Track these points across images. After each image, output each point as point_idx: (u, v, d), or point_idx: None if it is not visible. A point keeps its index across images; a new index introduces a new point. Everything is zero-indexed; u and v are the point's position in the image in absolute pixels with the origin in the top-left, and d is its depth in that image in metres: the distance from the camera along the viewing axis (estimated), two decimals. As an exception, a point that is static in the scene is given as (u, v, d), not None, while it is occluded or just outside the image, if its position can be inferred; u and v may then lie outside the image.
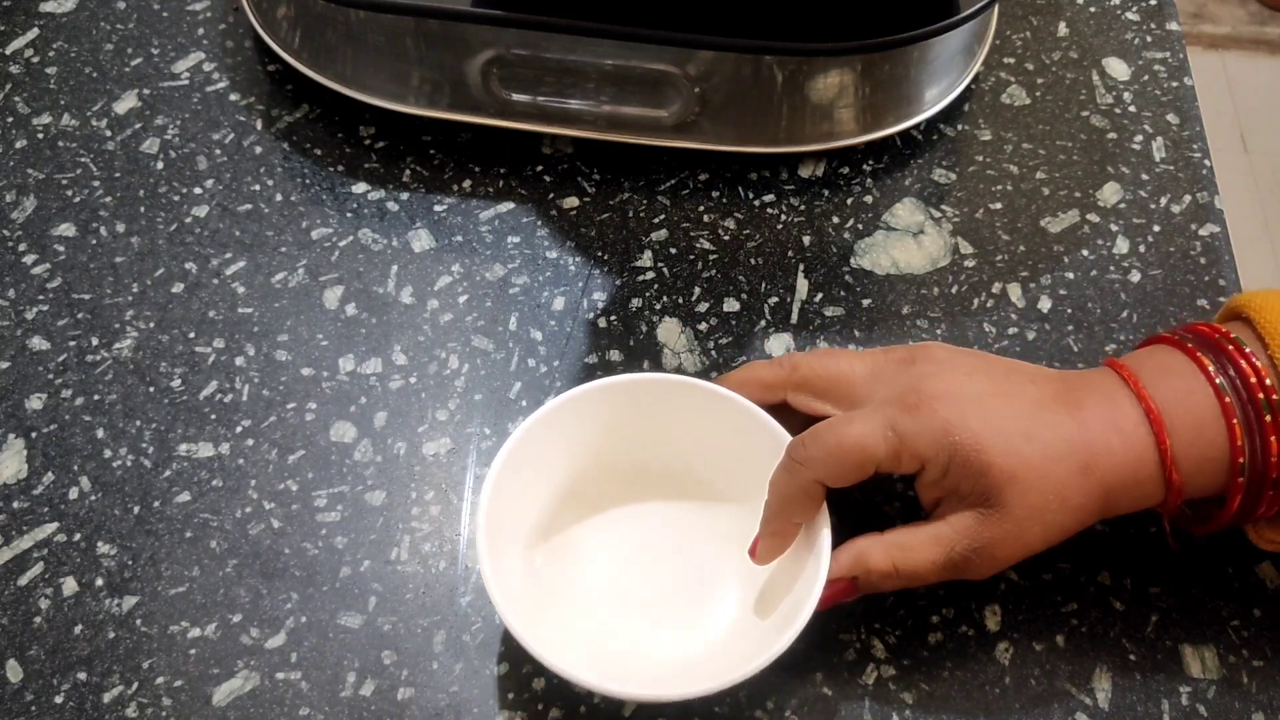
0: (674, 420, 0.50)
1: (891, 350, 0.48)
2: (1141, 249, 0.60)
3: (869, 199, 0.62)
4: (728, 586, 0.49)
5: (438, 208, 0.61)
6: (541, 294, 0.59)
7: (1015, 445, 0.43)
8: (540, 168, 0.63)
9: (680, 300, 0.58)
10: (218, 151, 0.63)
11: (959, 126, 0.65)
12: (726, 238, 0.61)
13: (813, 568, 0.45)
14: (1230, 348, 0.44)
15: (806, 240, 0.61)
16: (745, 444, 0.49)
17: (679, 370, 0.56)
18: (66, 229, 0.60)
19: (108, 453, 0.53)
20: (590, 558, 0.50)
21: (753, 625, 0.47)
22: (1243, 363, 0.44)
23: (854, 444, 0.44)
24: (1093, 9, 0.71)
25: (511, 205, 0.62)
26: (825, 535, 0.45)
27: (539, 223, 0.61)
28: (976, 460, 0.43)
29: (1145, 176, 0.63)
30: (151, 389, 0.55)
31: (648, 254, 0.60)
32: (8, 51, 0.67)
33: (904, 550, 0.45)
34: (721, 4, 0.59)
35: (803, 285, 0.59)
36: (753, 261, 0.60)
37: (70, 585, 0.50)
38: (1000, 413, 0.44)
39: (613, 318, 0.58)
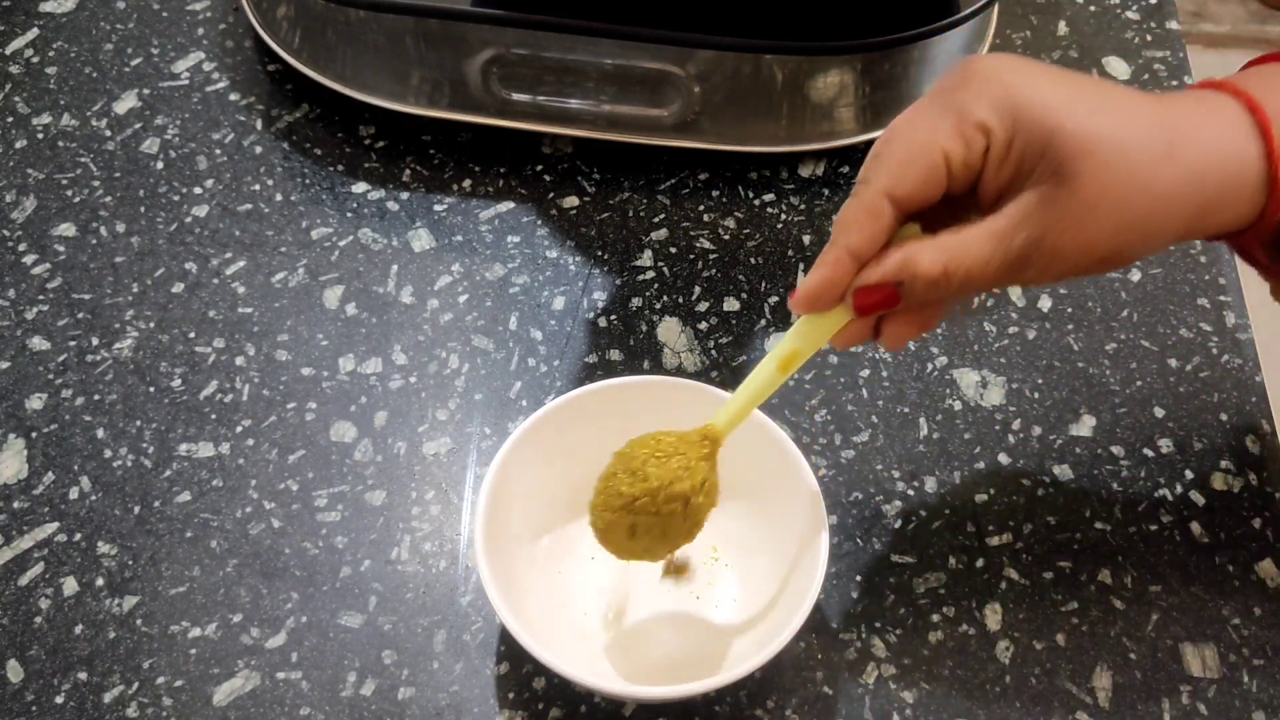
0: (673, 421, 0.50)
1: (943, 81, 0.41)
2: (1142, 248, 0.60)
3: (869, 198, 0.62)
4: (727, 585, 0.49)
5: (438, 207, 0.61)
6: (542, 293, 0.58)
7: (1087, 112, 0.37)
8: (540, 167, 0.63)
9: (680, 300, 0.58)
10: (218, 151, 0.63)
11: (959, 126, 0.65)
12: (727, 237, 0.61)
13: (811, 566, 0.45)
14: None
15: (807, 239, 0.61)
16: (744, 445, 0.49)
17: (679, 369, 0.56)
18: (66, 229, 0.60)
19: (108, 453, 0.53)
20: (590, 557, 0.50)
21: (752, 624, 0.47)
22: None
23: (910, 138, 0.39)
24: (1093, 8, 0.71)
25: (511, 205, 0.62)
26: (823, 534, 0.45)
27: (539, 222, 0.61)
28: (1042, 124, 0.37)
29: (1145, 176, 0.63)
30: (152, 389, 0.55)
31: (648, 253, 0.60)
32: (8, 51, 0.67)
33: (956, 250, 0.39)
34: (721, 4, 0.59)
35: (803, 285, 0.59)
36: (753, 261, 0.60)
37: (71, 585, 0.50)
38: (1069, 82, 0.39)
39: (613, 317, 0.58)
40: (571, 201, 0.62)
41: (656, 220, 0.61)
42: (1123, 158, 0.37)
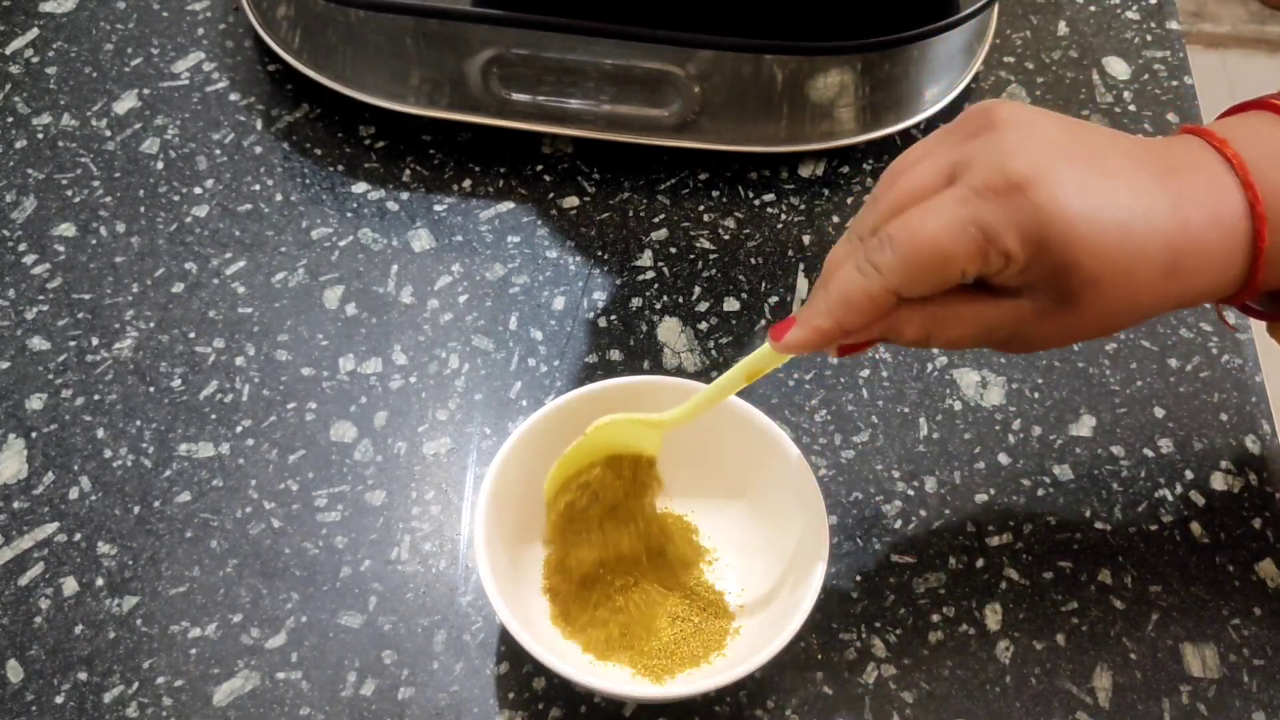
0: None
1: (957, 126, 0.41)
2: (1142, 248, 0.60)
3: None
4: (727, 585, 0.49)
5: (438, 207, 0.61)
6: (542, 293, 0.58)
7: (1107, 242, 0.37)
8: (540, 167, 0.63)
9: (680, 300, 0.58)
10: (218, 151, 0.63)
11: (959, 126, 0.65)
12: (727, 237, 0.61)
13: (810, 566, 0.45)
14: None
15: (807, 239, 0.61)
16: (743, 445, 0.49)
17: (679, 369, 0.56)
18: (66, 229, 0.60)
19: (108, 452, 0.53)
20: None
21: (752, 623, 0.47)
22: None
23: (932, 248, 0.38)
24: (1093, 8, 0.71)
25: (511, 205, 0.62)
26: (823, 534, 0.45)
27: (539, 222, 0.61)
28: (1063, 257, 0.37)
29: (1145, 176, 0.63)
30: (152, 389, 0.55)
31: (648, 253, 0.60)
32: (8, 51, 0.67)
33: (942, 325, 0.40)
34: (721, 4, 0.59)
35: (803, 284, 0.59)
36: (753, 261, 0.60)
37: (71, 585, 0.50)
38: (1098, 198, 0.37)
39: (613, 317, 0.58)
40: (571, 201, 0.62)
41: (656, 220, 0.61)
42: (1127, 287, 0.38)
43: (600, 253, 0.60)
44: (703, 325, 0.57)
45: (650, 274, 0.59)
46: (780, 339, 0.41)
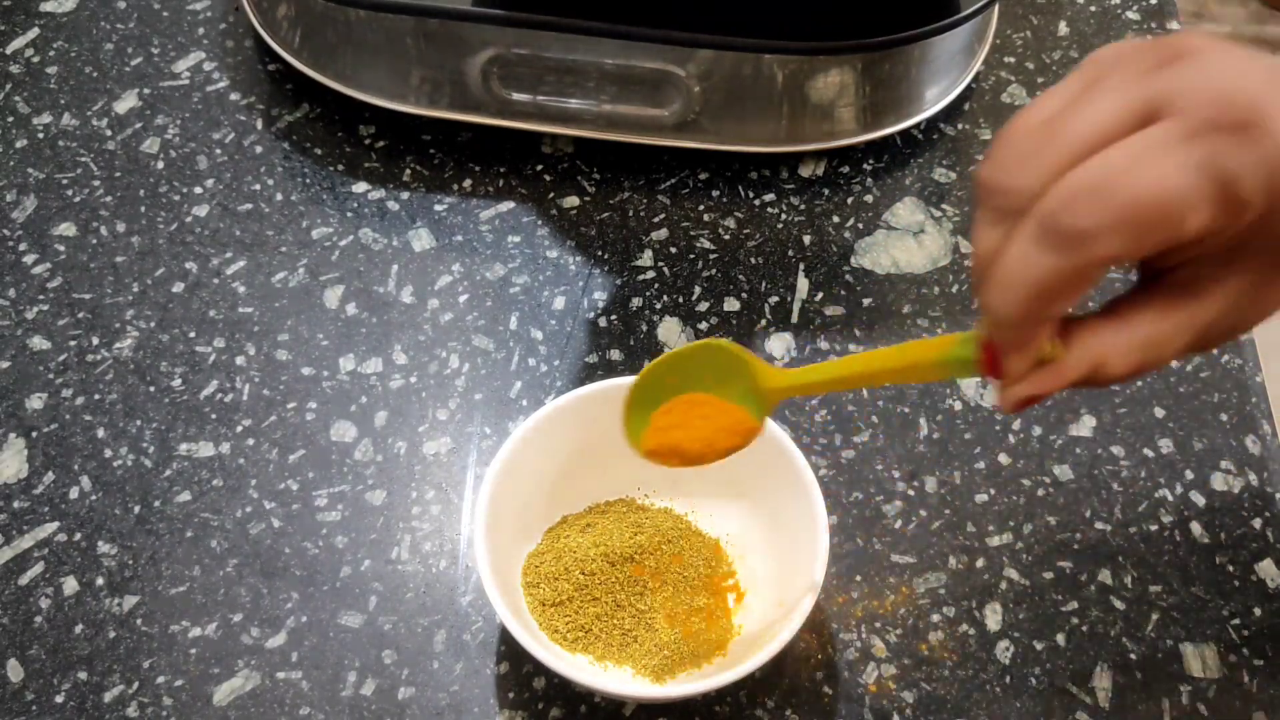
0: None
1: (1133, 57, 0.32)
2: (1142, 248, 0.60)
3: (869, 198, 0.62)
4: (727, 584, 0.49)
5: (438, 207, 0.61)
6: (542, 293, 0.58)
7: None
8: (540, 167, 0.63)
9: (680, 299, 0.58)
10: (218, 151, 0.63)
11: (959, 126, 0.65)
12: (727, 237, 0.61)
13: (811, 566, 0.45)
14: None
15: (807, 239, 0.61)
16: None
17: (679, 370, 0.56)
18: (67, 229, 0.60)
19: (108, 452, 0.53)
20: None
21: (752, 624, 0.47)
22: None
23: (1159, 198, 0.29)
24: (1093, 8, 0.71)
25: (512, 204, 0.62)
26: (823, 534, 0.45)
27: (539, 222, 0.61)
28: None
29: (1145, 176, 0.63)
30: (152, 388, 0.55)
31: (648, 253, 0.60)
32: (8, 51, 0.67)
33: (1158, 347, 0.33)
34: (721, 4, 0.59)
35: (803, 284, 0.59)
36: (753, 261, 0.60)
37: (71, 585, 0.50)
38: None
39: (613, 317, 0.58)
40: (572, 201, 0.62)
41: (656, 220, 0.61)
42: None
43: (600, 252, 0.60)
44: (703, 325, 0.57)
45: (650, 274, 0.59)
46: (1006, 392, 0.34)
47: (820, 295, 0.59)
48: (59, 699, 0.47)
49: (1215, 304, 0.33)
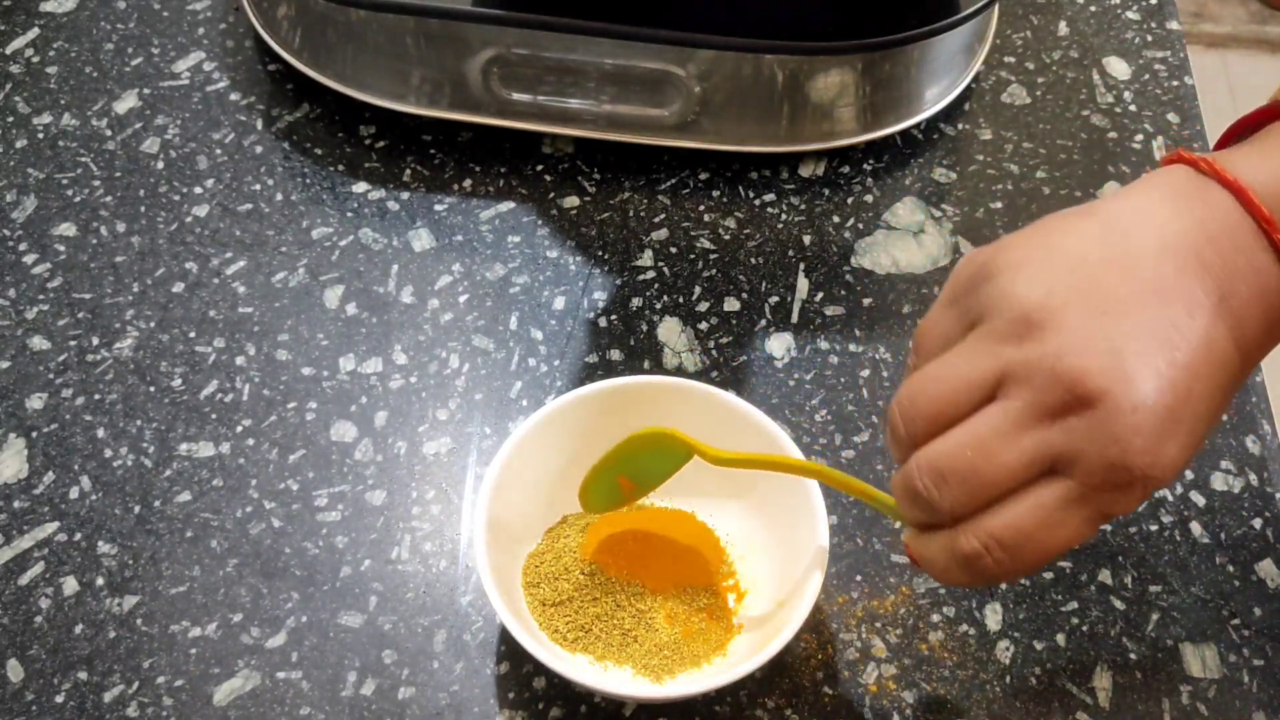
0: (673, 422, 0.49)
1: (991, 326, 0.36)
2: (1142, 248, 0.60)
3: (869, 198, 0.62)
4: (727, 584, 0.49)
5: (438, 207, 0.61)
6: (542, 293, 0.59)
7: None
8: (540, 167, 0.63)
9: (681, 299, 0.58)
10: (218, 151, 0.63)
11: (959, 126, 0.65)
12: (727, 237, 0.61)
13: (811, 566, 0.45)
14: None
15: (807, 239, 0.61)
16: (744, 445, 0.49)
17: (679, 369, 0.56)
18: (67, 229, 0.60)
19: (108, 452, 0.53)
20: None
21: (752, 624, 0.47)
22: None
23: (1063, 550, 0.36)
24: (1093, 8, 0.71)
25: (512, 205, 0.62)
26: (823, 535, 0.45)
27: (539, 222, 0.61)
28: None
29: (1146, 176, 0.63)
30: (152, 388, 0.55)
31: (648, 253, 0.60)
32: (8, 51, 0.67)
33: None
34: (721, 4, 0.59)
35: (803, 284, 0.59)
36: (753, 261, 0.60)
37: (71, 585, 0.50)
38: (1120, 325, 0.34)
39: (613, 317, 0.58)
40: (572, 201, 0.62)
41: (657, 220, 0.61)
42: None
43: (600, 252, 0.60)
44: (703, 325, 0.57)
45: (650, 274, 0.59)
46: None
47: (820, 295, 0.59)
48: (59, 699, 0.47)
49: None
